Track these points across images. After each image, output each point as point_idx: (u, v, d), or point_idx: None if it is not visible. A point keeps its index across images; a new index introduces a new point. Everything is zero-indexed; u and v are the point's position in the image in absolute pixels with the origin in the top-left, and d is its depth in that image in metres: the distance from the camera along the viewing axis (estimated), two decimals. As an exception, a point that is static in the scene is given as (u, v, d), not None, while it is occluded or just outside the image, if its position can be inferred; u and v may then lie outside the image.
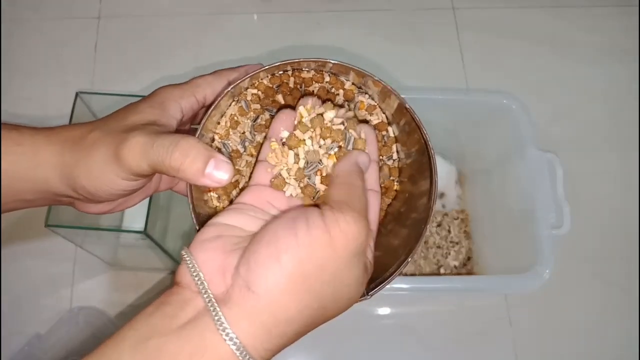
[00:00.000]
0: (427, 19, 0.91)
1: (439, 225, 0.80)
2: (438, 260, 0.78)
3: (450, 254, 0.78)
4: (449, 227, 0.80)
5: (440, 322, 0.74)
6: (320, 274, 0.26)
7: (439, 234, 0.80)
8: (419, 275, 0.76)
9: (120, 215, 0.74)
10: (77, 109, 0.63)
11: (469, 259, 0.78)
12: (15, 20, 0.88)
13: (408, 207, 0.35)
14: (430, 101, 0.67)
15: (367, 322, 0.73)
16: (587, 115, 0.85)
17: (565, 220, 0.61)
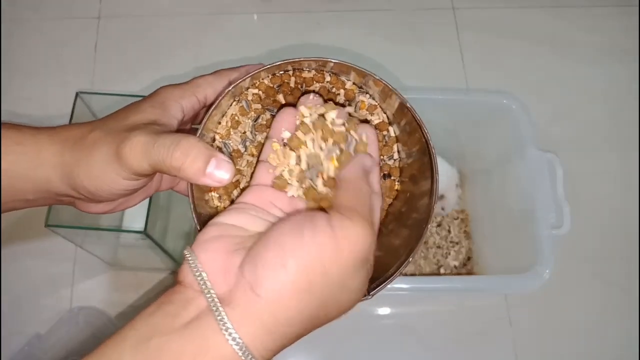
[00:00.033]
0: (427, 19, 0.91)
1: (439, 225, 0.80)
2: (438, 260, 0.78)
3: (450, 254, 0.78)
4: (449, 227, 0.80)
5: (440, 322, 0.74)
6: (325, 280, 0.26)
7: (439, 234, 0.80)
8: (419, 275, 0.76)
9: (120, 215, 0.74)
10: (77, 109, 0.63)
11: (469, 259, 0.78)
12: (15, 20, 0.88)
13: (409, 207, 0.35)
14: (430, 101, 0.67)
15: (367, 322, 0.73)
16: (587, 115, 0.85)
17: (565, 220, 0.61)
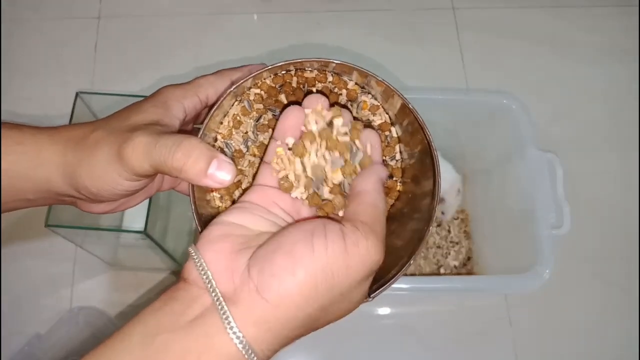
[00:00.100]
0: (427, 19, 0.91)
1: (439, 225, 0.80)
2: (438, 260, 0.78)
3: (450, 254, 0.78)
4: (449, 227, 0.80)
5: (440, 322, 0.74)
6: (330, 290, 0.26)
7: (439, 234, 0.80)
8: (419, 275, 0.76)
9: (120, 215, 0.74)
10: (77, 109, 0.63)
11: (469, 259, 0.78)
12: (15, 20, 0.88)
13: (411, 208, 0.35)
14: (431, 101, 0.67)
15: (367, 322, 0.73)
16: (587, 115, 0.85)
17: (565, 220, 0.61)
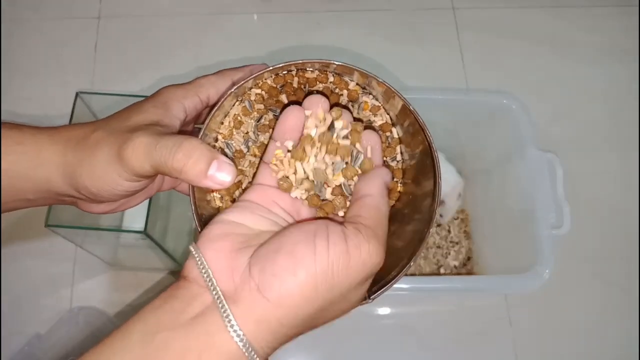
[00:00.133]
0: (427, 19, 0.91)
1: (439, 225, 0.80)
2: (438, 260, 0.78)
3: (450, 254, 0.78)
4: (449, 227, 0.80)
5: (440, 322, 0.74)
6: (330, 291, 0.26)
7: (439, 234, 0.80)
8: (419, 275, 0.76)
9: (120, 215, 0.74)
10: (77, 109, 0.63)
11: (469, 259, 0.78)
12: (15, 20, 0.88)
13: (411, 209, 0.35)
14: (431, 101, 0.67)
15: (367, 322, 0.73)
16: (587, 115, 0.85)
17: (565, 220, 0.61)
